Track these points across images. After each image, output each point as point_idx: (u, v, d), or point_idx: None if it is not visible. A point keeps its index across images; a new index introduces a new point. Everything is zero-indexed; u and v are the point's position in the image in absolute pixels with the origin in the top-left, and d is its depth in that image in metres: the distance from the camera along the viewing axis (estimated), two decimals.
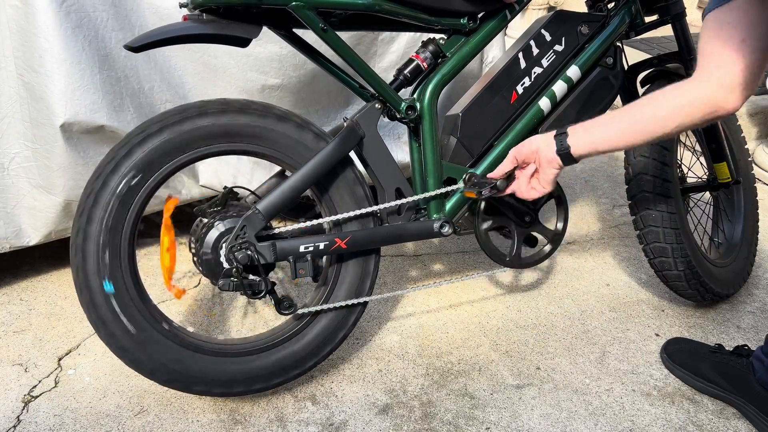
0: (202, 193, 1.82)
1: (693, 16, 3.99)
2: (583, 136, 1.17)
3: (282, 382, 1.37)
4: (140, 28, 1.57)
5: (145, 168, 1.21)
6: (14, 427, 1.32)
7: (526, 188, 1.27)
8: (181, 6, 1.26)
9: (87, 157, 1.56)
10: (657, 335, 1.67)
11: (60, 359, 1.50)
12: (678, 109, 1.06)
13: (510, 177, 1.30)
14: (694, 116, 1.06)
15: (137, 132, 1.21)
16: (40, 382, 1.43)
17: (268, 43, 1.65)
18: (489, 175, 1.32)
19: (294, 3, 1.19)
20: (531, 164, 1.26)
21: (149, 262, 1.87)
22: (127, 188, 1.20)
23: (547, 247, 1.55)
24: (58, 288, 1.75)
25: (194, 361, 1.28)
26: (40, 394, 1.40)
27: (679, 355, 1.54)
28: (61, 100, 1.47)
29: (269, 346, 1.35)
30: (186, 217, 1.61)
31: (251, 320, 1.66)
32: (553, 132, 1.21)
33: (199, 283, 1.80)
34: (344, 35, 1.68)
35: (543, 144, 1.21)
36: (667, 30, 1.63)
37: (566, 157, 1.19)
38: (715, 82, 1.02)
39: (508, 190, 1.30)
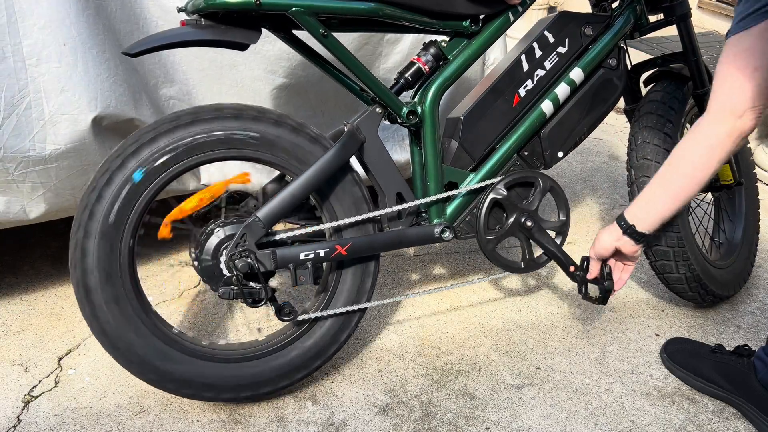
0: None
1: (693, 17, 3.98)
2: (648, 217, 1.27)
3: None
4: (144, 21, 1.53)
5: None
6: (14, 427, 1.32)
7: (619, 276, 1.40)
8: (179, 11, 1.25)
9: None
10: (657, 335, 1.67)
11: (60, 359, 1.50)
12: (711, 151, 1.17)
13: (606, 266, 1.40)
14: (727, 149, 1.17)
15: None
16: (40, 382, 1.43)
17: (276, 40, 1.59)
18: (589, 276, 1.41)
19: (294, 9, 1.18)
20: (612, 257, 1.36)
21: (149, 263, 1.87)
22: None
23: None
24: (58, 288, 1.75)
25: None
26: (40, 394, 1.40)
27: (679, 355, 1.54)
28: (92, 92, 1.37)
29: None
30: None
31: (249, 322, 1.66)
32: (617, 229, 1.30)
33: (198, 283, 1.80)
34: (351, 35, 1.66)
35: (617, 242, 1.32)
36: (665, 31, 1.63)
37: (645, 239, 1.29)
38: (730, 115, 1.13)
39: (618, 286, 1.40)
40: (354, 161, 1.35)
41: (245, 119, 1.24)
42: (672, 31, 1.60)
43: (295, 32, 1.32)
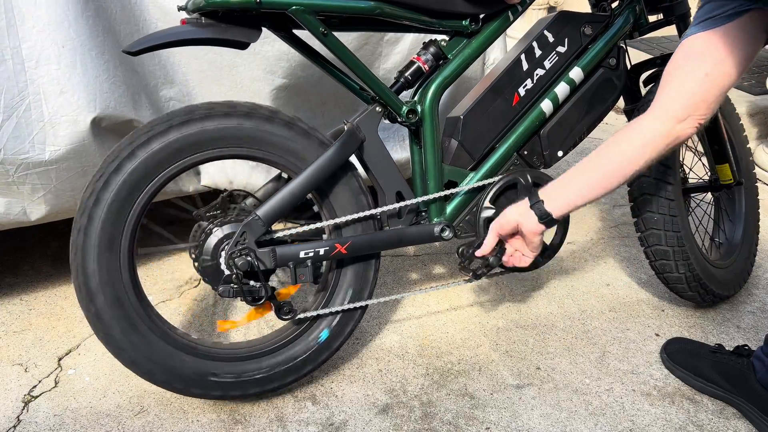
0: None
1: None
2: (559, 198, 1.21)
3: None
4: (144, 23, 1.53)
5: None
6: (14, 427, 1.32)
7: (518, 259, 1.33)
8: (180, 9, 1.25)
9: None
10: (657, 335, 1.67)
11: (60, 359, 1.50)
12: (643, 147, 1.14)
13: (501, 249, 1.32)
14: (659, 149, 1.14)
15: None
16: (40, 382, 1.43)
17: (276, 41, 1.59)
18: (478, 252, 1.33)
19: (294, 7, 1.18)
20: (516, 235, 1.29)
21: (149, 262, 1.87)
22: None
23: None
24: (58, 288, 1.75)
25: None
26: (40, 394, 1.40)
27: (679, 355, 1.54)
28: (90, 93, 1.38)
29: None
30: (185, 219, 1.61)
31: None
32: (526, 202, 1.24)
33: (198, 283, 1.80)
34: (351, 35, 1.66)
35: (520, 217, 1.24)
36: (665, 31, 1.63)
37: (549, 222, 1.22)
38: (672, 117, 1.10)
39: (505, 261, 1.34)
40: (354, 160, 1.35)
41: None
42: (672, 31, 1.60)
43: (295, 31, 1.32)
